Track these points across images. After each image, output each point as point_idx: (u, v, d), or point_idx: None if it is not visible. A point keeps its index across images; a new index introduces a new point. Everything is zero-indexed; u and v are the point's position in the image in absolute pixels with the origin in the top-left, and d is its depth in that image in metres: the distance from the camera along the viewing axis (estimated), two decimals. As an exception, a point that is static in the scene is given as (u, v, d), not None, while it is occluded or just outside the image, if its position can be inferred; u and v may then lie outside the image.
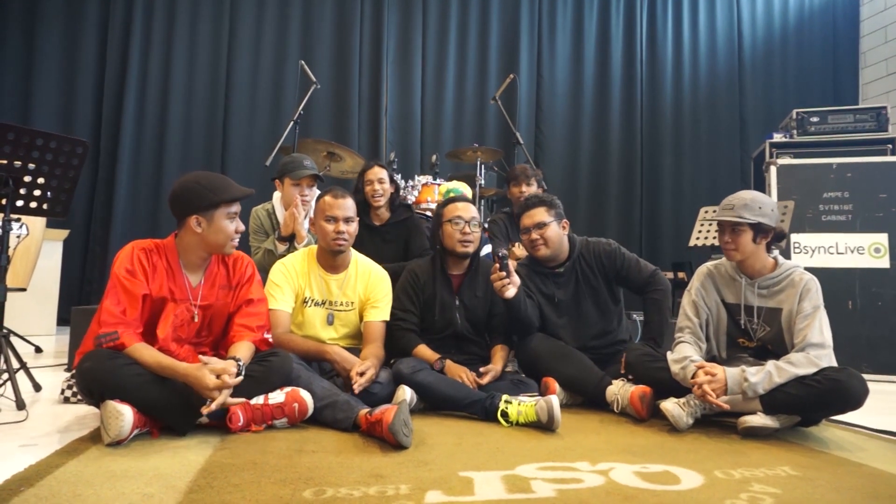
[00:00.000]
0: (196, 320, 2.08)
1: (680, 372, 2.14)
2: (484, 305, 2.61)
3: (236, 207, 2.07)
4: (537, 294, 2.68)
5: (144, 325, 1.98)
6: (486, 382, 2.38)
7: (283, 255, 2.85)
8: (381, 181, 3.12)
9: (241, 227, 2.10)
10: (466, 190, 4.07)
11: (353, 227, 2.47)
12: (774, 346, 2.22)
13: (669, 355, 2.24)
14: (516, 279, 2.40)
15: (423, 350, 2.46)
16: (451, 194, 3.88)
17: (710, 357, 2.34)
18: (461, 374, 2.33)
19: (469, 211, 2.61)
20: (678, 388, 2.17)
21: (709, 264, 2.40)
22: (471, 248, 2.59)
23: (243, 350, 2.02)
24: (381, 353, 2.42)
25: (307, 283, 2.46)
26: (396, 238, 3.15)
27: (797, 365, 2.03)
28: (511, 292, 2.37)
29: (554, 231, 2.66)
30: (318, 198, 2.54)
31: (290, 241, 2.93)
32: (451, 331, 2.59)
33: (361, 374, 2.18)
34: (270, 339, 2.18)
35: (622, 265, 2.69)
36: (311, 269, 2.48)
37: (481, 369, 2.44)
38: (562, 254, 2.72)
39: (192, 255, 2.07)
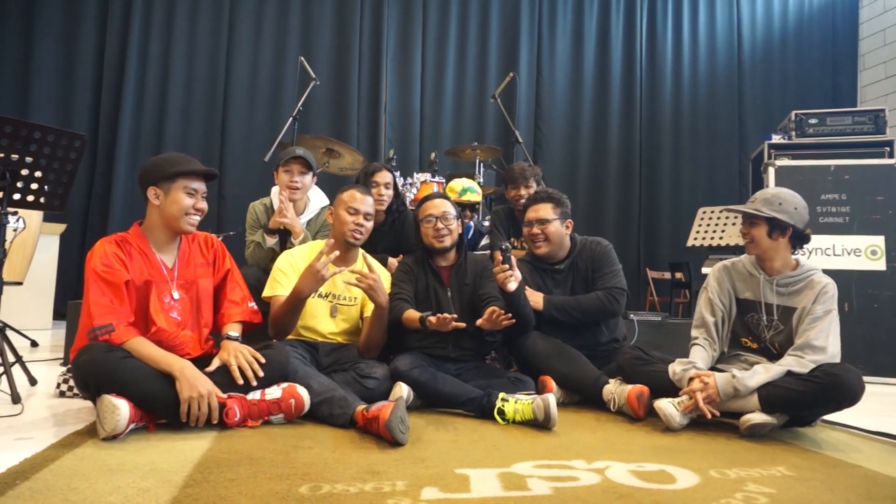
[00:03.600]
0: (178, 299, 2.09)
1: (680, 374, 2.15)
2: (473, 291, 2.61)
3: (197, 185, 2.10)
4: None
5: (136, 313, 1.99)
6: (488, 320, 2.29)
7: (273, 250, 2.85)
8: (387, 186, 3.09)
9: (203, 206, 2.12)
10: (476, 186, 4.05)
11: (370, 226, 2.52)
12: (782, 346, 2.21)
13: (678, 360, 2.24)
14: (518, 273, 2.40)
15: (411, 313, 2.43)
16: (468, 193, 3.87)
17: (720, 354, 2.35)
18: (445, 319, 2.24)
19: (440, 207, 2.62)
20: (669, 390, 2.18)
21: (725, 262, 2.41)
22: (447, 242, 2.60)
23: (234, 329, 2.14)
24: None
25: None
26: (390, 231, 3.15)
27: (786, 364, 2.06)
28: (513, 286, 2.37)
29: (555, 229, 2.67)
30: (341, 190, 2.57)
31: (280, 234, 2.93)
32: None
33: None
34: (255, 307, 2.26)
35: (599, 266, 2.70)
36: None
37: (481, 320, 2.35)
38: (561, 252, 2.73)
39: (158, 233, 2.10)
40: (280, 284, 2.42)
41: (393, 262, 2.95)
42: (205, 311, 2.18)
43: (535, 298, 2.62)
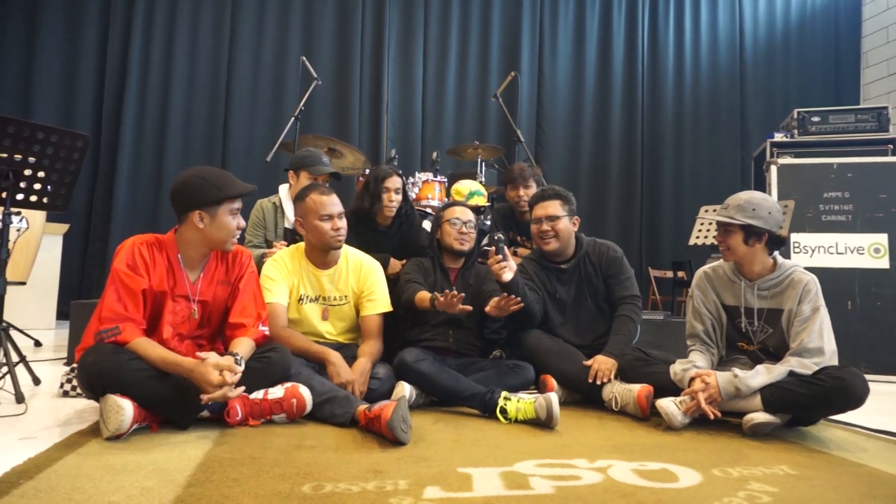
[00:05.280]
0: (195, 317, 2.08)
1: (681, 374, 2.15)
2: (475, 292, 2.66)
3: (238, 204, 2.08)
4: (542, 290, 2.68)
5: (147, 320, 1.98)
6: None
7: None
8: (397, 191, 3.04)
9: (242, 224, 2.10)
10: (482, 189, 4.05)
11: (345, 222, 2.46)
12: (777, 348, 2.21)
13: (679, 360, 2.24)
14: (512, 264, 2.41)
15: (423, 294, 2.48)
16: (475, 197, 3.89)
17: (718, 359, 2.34)
18: (452, 297, 2.26)
19: (466, 214, 2.76)
20: (671, 390, 2.17)
21: (706, 267, 2.39)
22: (466, 247, 2.72)
23: (243, 346, 2.03)
24: (378, 350, 2.43)
25: (300, 279, 2.46)
26: (397, 233, 3.14)
27: (789, 364, 2.05)
28: (508, 276, 2.37)
29: (565, 226, 2.67)
30: (301, 196, 2.47)
31: (287, 237, 2.98)
32: (446, 316, 2.60)
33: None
34: (267, 332, 2.17)
35: (616, 273, 2.69)
36: (301, 266, 2.47)
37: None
38: (568, 250, 2.72)
39: (192, 250, 2.06)
40: (271, 292, 2.36)
41: (395, 263, 2.95)
42: (212, 324, 2.16)
43: (608, 365, 2.42)
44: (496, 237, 2.42)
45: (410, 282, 2.62)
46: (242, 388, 1.87)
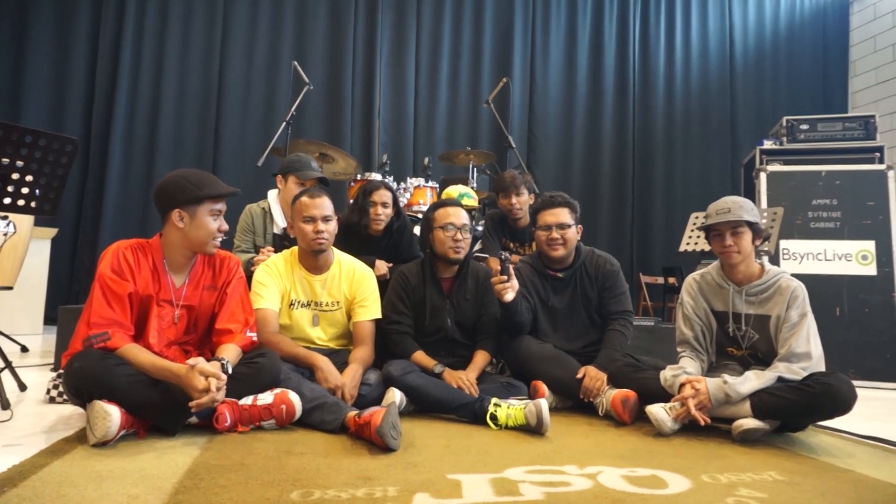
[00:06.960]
0: (177, 322, 2.06)
1: (671, 380, 2.16)
2: (474, 307, 2.61)
3: (221, 206, 2.06)
4: (534, 296, 2.68)
5: (134, 325, 1.97)
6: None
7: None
8: (384, 205, 3.00)
9: (225, 227, 2.08)
10: (472, 192, 4.05)
11: (332, 226, 2.44)
12: (765, 354, 2.23)
13: (669, 366, 2.25)
14: (515, 283, 2.40)
15: (421, 356, 2.45)
16: (465, 199, 3.85)
17: (709, 364, 2.35)
18: (459, 380, 2.30)
19: (461, 217, 2.58)
20: (662, 396, 2.18)
21: (694, 275, 2.40)
22: (462, 254, 2.58)
23: (229, 351, 2.01)
24: (369, 356, 2.42)
25: (292, 284, 2.45)
26: (388, 241, 3.13)
27: (777, 370, 2.07)
28: (510, 296, 2.37)
29: (573, 234, 2.66)
30: (294, 199, 2.49)
31: (276, 242, 2.96)
32: (441, 335, 2.58)
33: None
34: (254, 338, 2.16)
35: (610, 287, 2.68)
36: (294, 270, 2.47)
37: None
38: (570, 258, 2.71)
39: (176, 253, 2.05)
40: (262, 298, 2.36)
41: (380, 264, 2.92)
42: (199, 329, 2.14)
43: (599, 382, 2.41)
44: (502, 256, 2.39)
45: (398, 332, 2.51)
46: (224, 389, 1.85)
